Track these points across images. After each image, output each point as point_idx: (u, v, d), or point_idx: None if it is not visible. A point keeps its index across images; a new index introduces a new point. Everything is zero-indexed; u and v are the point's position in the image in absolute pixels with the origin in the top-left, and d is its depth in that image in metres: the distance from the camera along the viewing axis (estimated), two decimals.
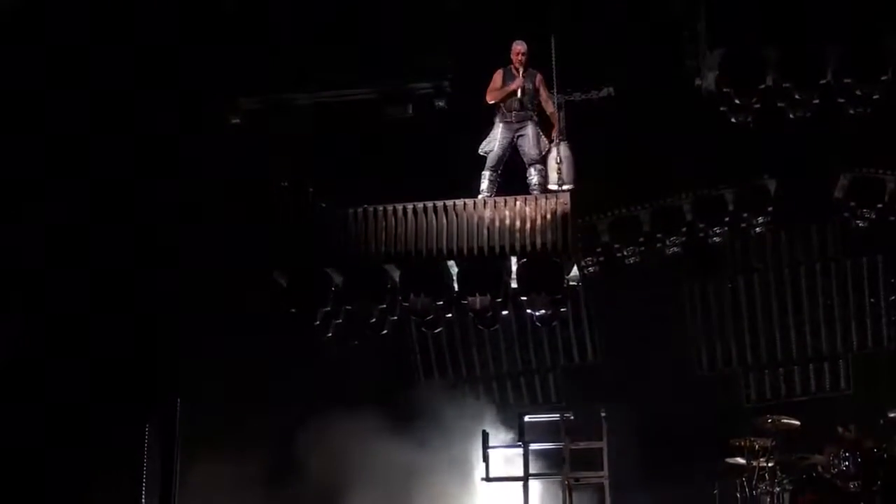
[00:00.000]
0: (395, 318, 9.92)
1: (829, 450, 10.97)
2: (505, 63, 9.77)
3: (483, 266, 9.44)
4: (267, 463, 11.15)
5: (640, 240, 11.60)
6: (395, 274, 9.59)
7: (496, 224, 9.30)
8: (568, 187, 9.43)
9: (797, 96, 9.45)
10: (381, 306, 9.70)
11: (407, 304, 9.61)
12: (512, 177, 9.75)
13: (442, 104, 10.61)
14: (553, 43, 9.47)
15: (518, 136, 9.67)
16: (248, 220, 10.14)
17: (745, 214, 11.43)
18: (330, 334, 9.87)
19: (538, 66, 9.75)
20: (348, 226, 9.44)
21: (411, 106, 10.68)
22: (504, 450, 11.21)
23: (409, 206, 9.40)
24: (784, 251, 12.09)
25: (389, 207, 9.41)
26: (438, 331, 10.45)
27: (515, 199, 9.38)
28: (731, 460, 11.32)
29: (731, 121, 9.75)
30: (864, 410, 11.21)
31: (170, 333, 10.48)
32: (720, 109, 9.71)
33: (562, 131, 9.54)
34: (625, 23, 10.30)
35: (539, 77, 9.68)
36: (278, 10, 10.29)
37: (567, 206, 9.30)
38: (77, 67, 9.96)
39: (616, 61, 10.65)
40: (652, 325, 12.08)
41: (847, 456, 10.80)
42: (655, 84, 10.59)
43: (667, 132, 10.81)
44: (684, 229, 11.53)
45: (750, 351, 12.29)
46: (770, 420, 11.22)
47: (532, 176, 9.61)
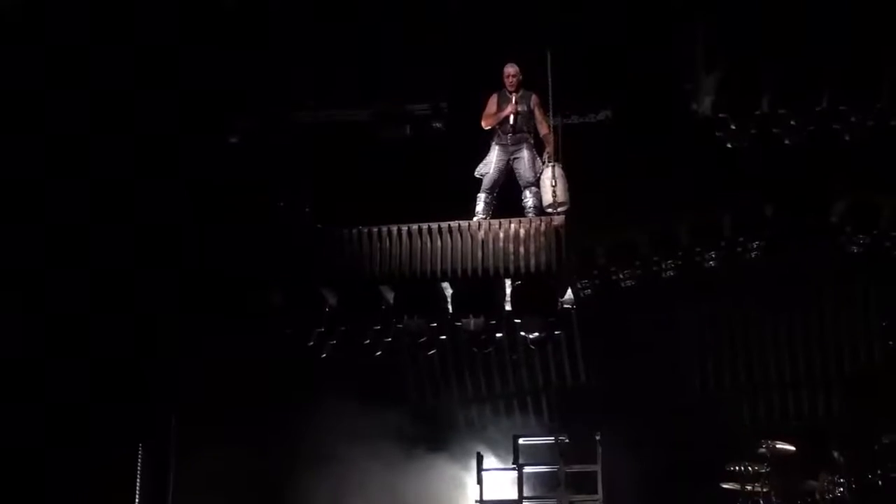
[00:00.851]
0: (390, 339, 9.91)
1: (824, 476, 10.97)
2: (500, 86, 9.81)
3: (477, 288, 9.45)
4: (260, 476, 11.12)
5: (637, 263, 11.61)
6: (390, 295, 9.60)
7: (491, 246, 9.32)
8: (562, 209, 9.45)
9: (792, 122, 9.50)
10: (375, 327, 9.70)
11: (401, 326, 9.61)
12: (507, 199, 9.77)
13: (439, 125, 10.68)
14: (549, 65, 9.51)
15: (513, 158, 9.70)
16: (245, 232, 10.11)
17: (741, 239, 11.44)
18: (324, 354, 9.87)
19: (536, 89, 9.79)
20: (344, 246, 9.46)
21: (409, 127, 10.75)
22: (498, 472, 11.20)
23: (405, 228, 9.42)
24: (777, 275, 12.11)
25: (384, 228, 9.43)
26: (432, 352, 10.43)
27: (510, 222, 9.40)
28: (726, 485, 11.30)
29: (727, 146, 9.79)
30: (858, 435, 11.20)
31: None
32: (716, 135, 9.76)
33: (554, 154, 9.55)
34: (623, 46, 10.37)
35: (534, 99, 9.71)
36: (275, 29, 10.36)
37: (562, 229, 9.32)
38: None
39: (613, 84, 10.72)
40: (646, 349, 12.07)
41: (842, 482, 10.81)
42: (653, 108, 10.65)
43: (664, 156, 10.84)
44: (680, 253, 11.54)
45: (744, 375, 12.27)
46: (765, 445, 11.21)
47: (527, 198, 9.63)
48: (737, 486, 11.22)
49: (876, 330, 11.95)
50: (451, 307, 9.58)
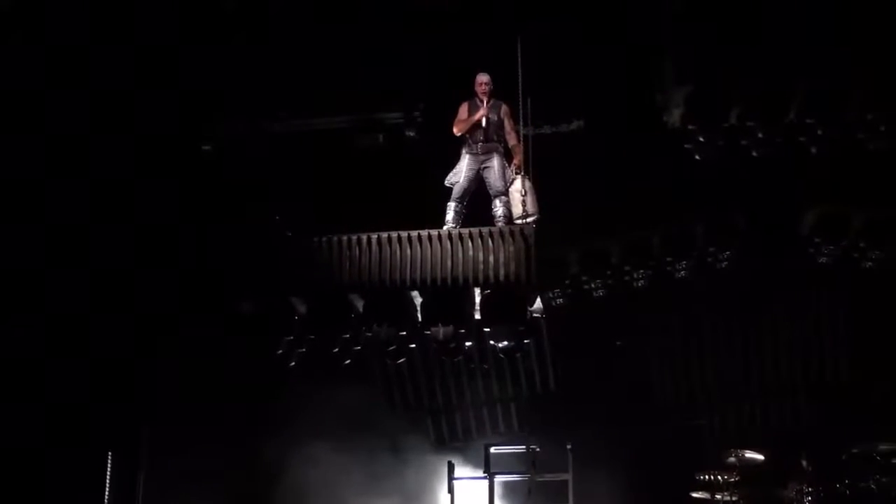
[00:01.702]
0: (359, 347, 9.92)
1: (793, 485, 11.02)
2: (472, 95, 9.85)
3: (447, 297, 9.47)
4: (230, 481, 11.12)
5: (608, 272, 11.65)
6: (359, 303, 9.61)
7: (460, 255, 9.36)
8: (532, 219, 9.48)
9: (760, 135, 9.56)
10: (344, 336, 9.71)
11: (370, 334, 9.62)
12: (477, 208, 9.80)
13: (413, 134, 10.71)
14: (520, 75, 9.55)
15: (484, 167, 9.73)
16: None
17: (712, 249, 11.50)
18: (292, 363, 9.87)
19: (508, 99, 9.83)
20: (313, 254, 9.46)
21: (382, 136, 10.77)
22: (469, 481, 11.20)
23: (374, 236, 9.44)
24: (747, 285, 12.17)
25: (354, 237, 9.45)
26: (401, 361, 10.45)
27: (480, 231, 9.43)
28: (695, 494, 11.32)
29: (696, 158, 9.85)
30: (827, 445, 11.25)
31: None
32: (685, 146, 9.83)
33: (523, 165, 9.58)
34: (596, 56, 10.42)
35: (504, 108, 9.75)
36: (249, 37, 10.37)
37: (531, 238, 9.36)
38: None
39: (586, 95, 10.77)
40: (617, 358, 12.11)
41: (811, 491, 10.85)
42: (625, 118, 10.71)
43: (636, 166, 10.89)
44: (652, 262, 11.58)
45: (714, 384, 12.31)
46: (734, 454, 11.25)
47: (497, 208, 9.67)
48: (706, 495, 11.23)
49: (845, 340, 12.02)
50: (420, 316, 9.59)
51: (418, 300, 9.61)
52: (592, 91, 10.69)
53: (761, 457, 11.29)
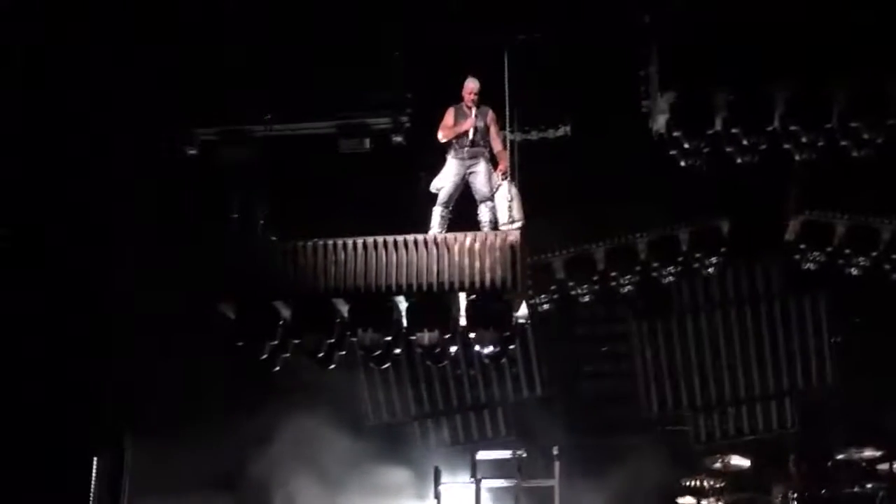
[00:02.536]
0: (344, 352, 9.89)
1: (778, 490, 11.06)
2: (459, 100, 9.84)
3: (432, 302, 9.44)
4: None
5: (595, 278, 11.66)
6: (344, 308, 9.59)
7: (446, 260, 9.30)
8: (518, 225, 9.47)
9: (745, 142, 9.58)
10: (329, 341, 9.67)
11: (355, 339, 9.59)
12: (462, 213, 9.79)
13: (399, 139, 10.67)
14: (506, 81, 9.54)
15: (470, 172, 9.70)
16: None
17: (698, 255, 11.52)
18: (276, 368, 9.82)
19: (494, 103, 9.81)
20: (298, 259, 9.43)
21: (368, 140, 10.74)
22: (456, 486, 11.19)
23: (360, 241, 9.39)
24: (732, 291, 12.21)
25: (339, 242, 9.39)
26: (386, 366, 10.42)
27: (465, 236, 9.40)
28: (681, 500, 11.36)
29: (681, 164, 9.86)
30: (812, 450, 11.29)
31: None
32: (670, 153, 9.83)
33: (508, 171, 9.58)
34: (582, 62, 10.43)
35: (490, 115, 9.73)
36: (234, 41, 10.34)
37: (517, 244, 9.32)
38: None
39: (573, 101, 10.77)
40: (604, 363, 12.13)
41: (795, 497, 10.90)
42: (611, 124, 10.72)
43: (622, 172, 10.91)
44: (638, 268, 11.59)
45: (699, 389, 12.35)
46: (720, 460, 11.28)
47: (483, 213, 9.63)
48: (693, 500, 11.29)
49: (830, 346, 12.07)
50: (405, 321, 9.56)
51: (403, 305, 9.58)
52: (578, 97, 10.69)
53: (747, 462, 11.35)
